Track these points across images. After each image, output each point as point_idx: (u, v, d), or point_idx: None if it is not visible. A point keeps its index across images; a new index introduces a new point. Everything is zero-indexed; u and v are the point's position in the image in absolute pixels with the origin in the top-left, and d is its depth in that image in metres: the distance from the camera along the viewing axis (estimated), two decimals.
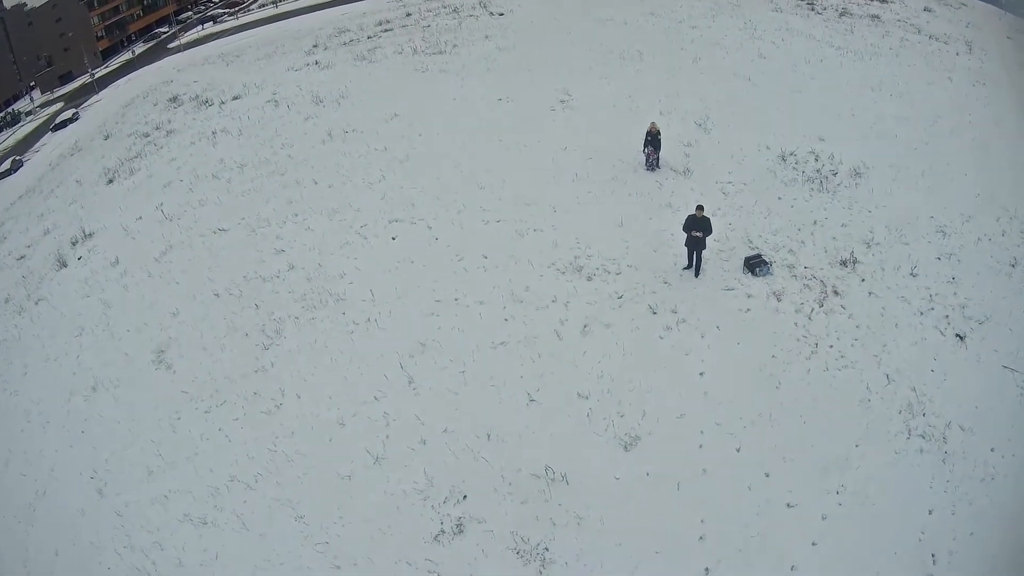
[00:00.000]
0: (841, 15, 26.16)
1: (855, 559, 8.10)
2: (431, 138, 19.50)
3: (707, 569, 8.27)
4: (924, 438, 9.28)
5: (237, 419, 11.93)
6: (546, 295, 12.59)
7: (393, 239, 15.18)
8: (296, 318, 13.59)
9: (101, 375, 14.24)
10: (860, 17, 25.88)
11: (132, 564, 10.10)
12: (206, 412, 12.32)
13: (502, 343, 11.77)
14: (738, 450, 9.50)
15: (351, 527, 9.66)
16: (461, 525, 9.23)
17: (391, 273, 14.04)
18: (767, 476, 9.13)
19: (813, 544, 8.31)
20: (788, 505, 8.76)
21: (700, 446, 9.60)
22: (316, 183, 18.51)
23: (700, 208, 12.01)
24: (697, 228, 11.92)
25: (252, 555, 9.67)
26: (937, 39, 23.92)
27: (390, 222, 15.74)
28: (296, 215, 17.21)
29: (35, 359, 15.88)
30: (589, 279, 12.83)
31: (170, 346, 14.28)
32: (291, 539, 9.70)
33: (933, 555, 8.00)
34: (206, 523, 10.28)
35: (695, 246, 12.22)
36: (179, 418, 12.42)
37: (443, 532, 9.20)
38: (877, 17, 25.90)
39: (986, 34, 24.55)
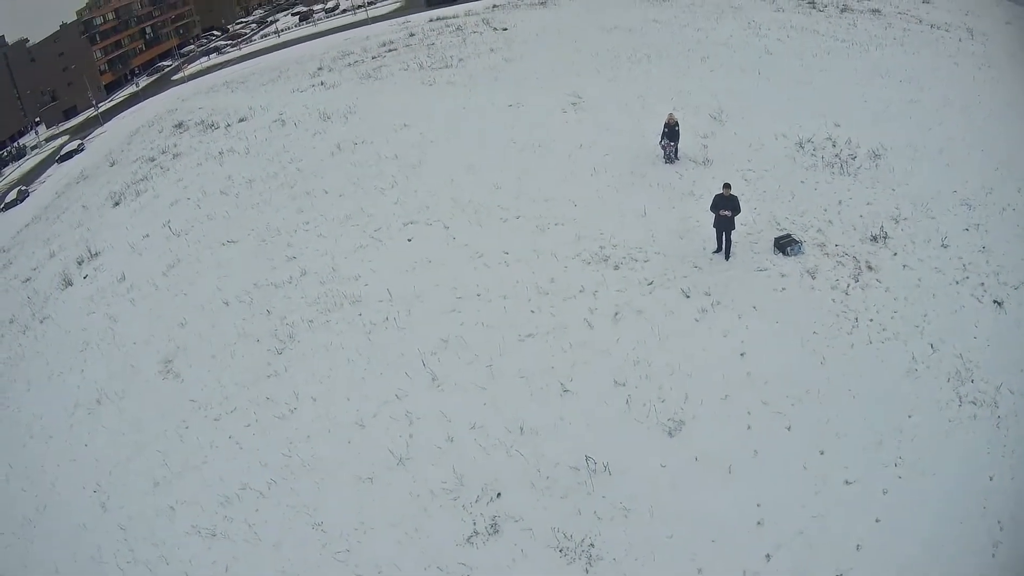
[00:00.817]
0: (842, 11, 26.31)
1: (921, 532, 7.58)
2: (442, 144, 19.24)
3: (768, 555, 7.60)
4: (976, 404, 8.86)
5: (249, 425, 11.30)
6: (573, 285, 12.06)
7: (409, 241, 14.73)
8: (310, 321, 13.04)
9: (106, 387, 13.71)
10: (861, 12, 26.06)
11: None
12: (215, 420, 11.70)
13: (530, 335, 11.18)
14: (788, 429, 8.90)
15: (374, 533, 8.94)
16: (496, 524, 8.52)
17: (408, 273, 13.53)
18: (822, 454, 8.55)
19: (876, 521, 7.75)
20: (846, 482, 8.20)
21: (748, 427, 8.98)
22: (327, 192, 18.18)
23: (727, 186, 11.62)
24: (725, 207, 11.55)
25: (266, 567, 8.93)
26: (938, 28, 24.02)
27: (405, 224, 15.32)
28: (307, 223, 16.83)
29: (38, 375, 15.42)
30: (616, 268, 12.31)
31: (177, 355, 13.74)
32: (308, 548, 8.97)
33: (999, 522, 7.53)
34: (215, 534, 9.58)
35: (724, 227, 11.78)
36: (187, 427, 11.80)
37: (476, 533, 8.49)
38: (878, 11, 26.08)
39: (985, 21, 24.70)
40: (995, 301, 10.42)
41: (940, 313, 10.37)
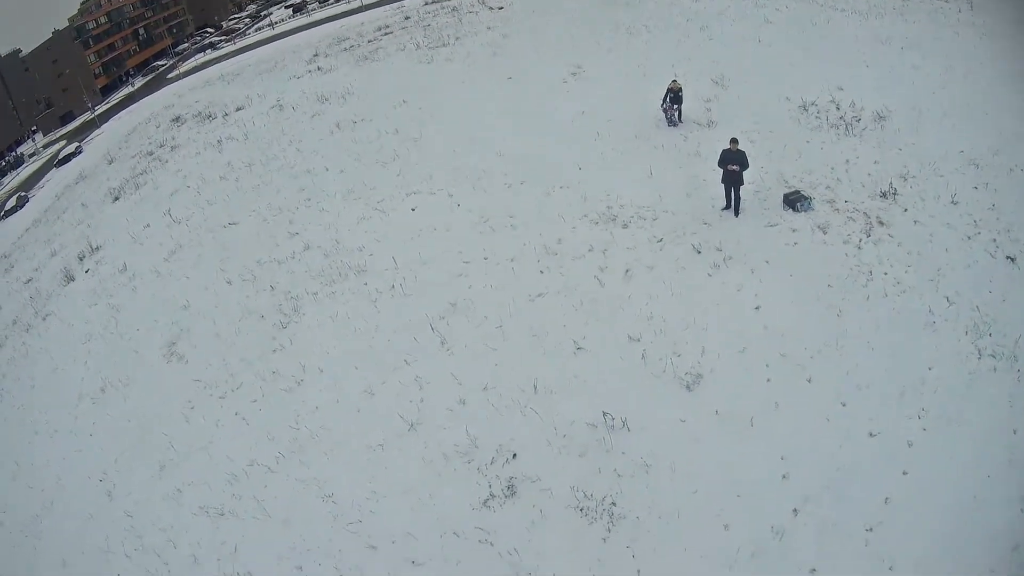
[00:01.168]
0: None
1: (950, 484, 7.33)
2: (443, 118, 18.94)
3: (795, 510, 7.33)
4: (995, 357, 8.61)
5: (255, 401, 11.08)
6: (582, 245, 11.79)
7: (413, 210, 14.46)
8: (315, 294, 12.80)
9: (110, 376, 13.48)
10: None
11: (144, 567, 9.14)
12: (221, 398, 11.48)
13: (539, 295, 10.91)
14: (809, 381, 8.62)
15: (387, 501, 8.69)
16: (513, 486, 8.26)
17: (414, 241, 13.28)
18: (843, 405, 8.28)
19: (904, 473, 7.49)
20: (871, 434, 7.93)
21: (768, 380, 8.70)
22: (327, 169, 17.93)
23: (735, 141, 11.31)
24: (733, 161, 11.26)
25: (275, 543, 8.69)
26: None
27: (408, 195, 15.05)
28: (308, 200, 16.59)
29: (42, 371, 15.20)
30: (625, 226, 12.02)
31: (181, 338, 13.52)
32: (319, 521, 8.73)
33: None
34: (223, 514, 9.35)
35: (732, 182, 11.49)
36: (192, 408, 11.58)
37: (492, 496, 8.24)
38: None
39: None
40: (1008, 257, 10.18)
41: (954, 267, 10.13)
